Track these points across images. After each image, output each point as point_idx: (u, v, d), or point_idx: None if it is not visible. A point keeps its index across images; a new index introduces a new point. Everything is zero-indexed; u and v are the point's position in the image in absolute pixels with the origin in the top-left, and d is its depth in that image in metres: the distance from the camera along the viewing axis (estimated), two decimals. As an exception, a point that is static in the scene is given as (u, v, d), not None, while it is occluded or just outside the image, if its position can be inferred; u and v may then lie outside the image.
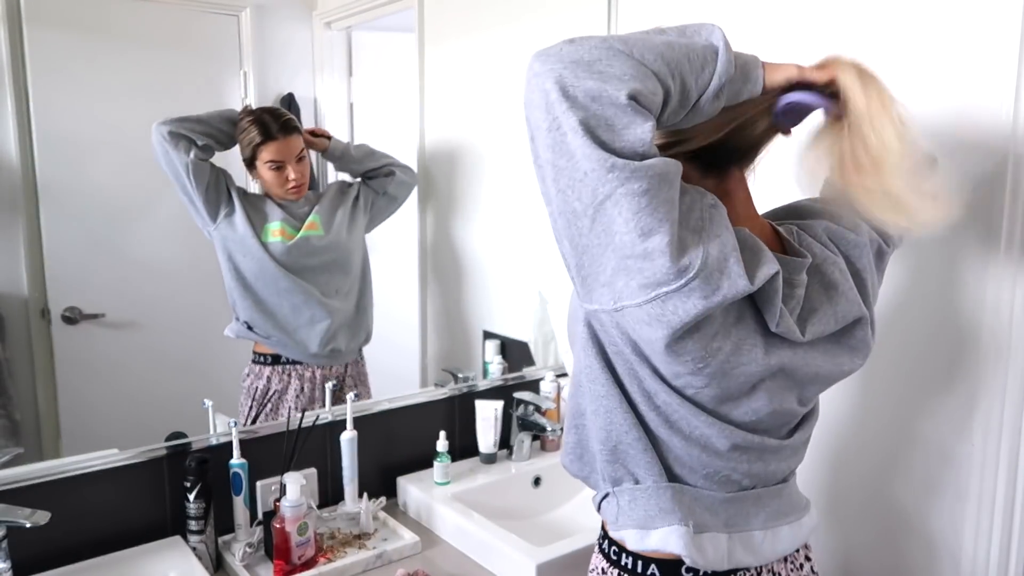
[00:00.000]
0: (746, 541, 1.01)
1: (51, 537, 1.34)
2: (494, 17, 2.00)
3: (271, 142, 1.60)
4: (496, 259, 2.07)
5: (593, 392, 0.98)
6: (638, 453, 0.98)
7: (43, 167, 1.42)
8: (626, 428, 0.97)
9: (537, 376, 2.02)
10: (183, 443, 1.49)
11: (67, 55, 1.44)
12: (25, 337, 1.44)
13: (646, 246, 0.82)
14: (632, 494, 1.00)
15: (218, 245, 1.61)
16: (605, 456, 1.00)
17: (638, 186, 0.81)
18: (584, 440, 1.04)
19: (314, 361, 1.73)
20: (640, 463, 0.98)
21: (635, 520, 1.00)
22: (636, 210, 0.81)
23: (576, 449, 1.06)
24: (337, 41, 1.77)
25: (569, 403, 1.06)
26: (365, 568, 1.45)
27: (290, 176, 1.63)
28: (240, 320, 1.65)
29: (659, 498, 0.98)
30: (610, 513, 1.03)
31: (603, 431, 0.99)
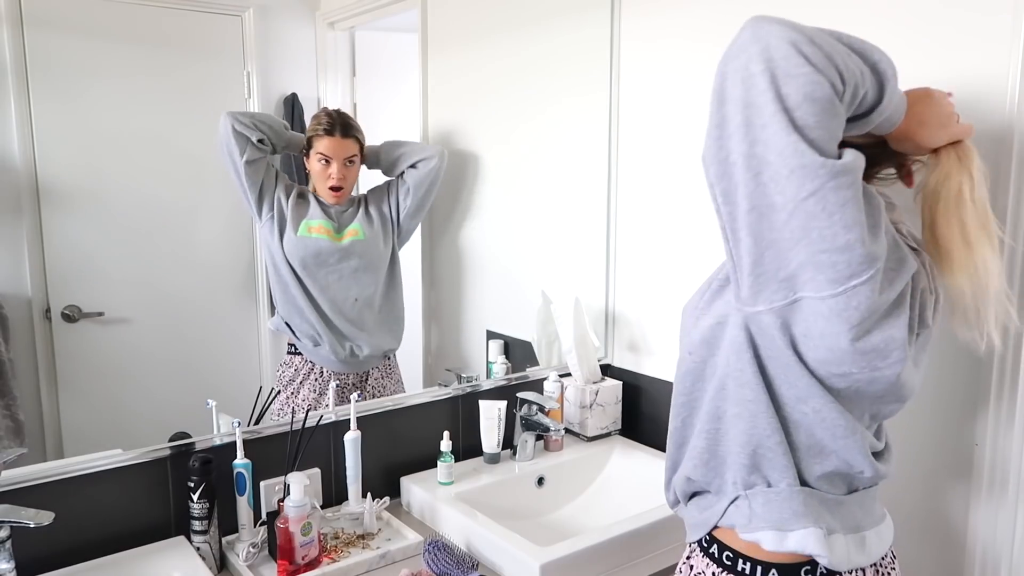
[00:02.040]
0: (859, 542, 1.05)
1: (55, 537, 1.34)
2: (497, 17, 1.99)
3: (327, 137, 1.69)
4: (499, 259, 2.07)
5: (739, 397, 1.01)
6: (777, 457, 1.01)
7: (44, 168, 1.42)
8: (769, 432, 1.00)
9: (540, 376, 2.02)
10: (187, 443, 1.49)
11: (69, 56, 1.45)
12: (28, 337, 1.44)
13: (848, 238, 0.86)
14: (766, 496, 1.02)
15: (262, 242, 1.68)
16: (743, 460, 1.03)
17: (844, 180, 0.86)
18: (716, 444, 1.06)
19: (336, 367, 1.76)
20: (777, 467, 1.01)
21: (771, 522, 1.01)
22: (842, 203, 0.86)
23: (704, 455, 1.07)
24: (340, 41, 1.76)
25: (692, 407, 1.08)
26: (369, 568, 1.45)
27: (332, 174, 1.70)
28: (280, 315, 1.71)
29: (792, 501, 1.01)
30: (740, 516, 1.04)
31: (744, 435, 1.02)
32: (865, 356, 0.92)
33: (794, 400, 0.99)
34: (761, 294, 0.93)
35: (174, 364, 1.61)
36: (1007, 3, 1.26)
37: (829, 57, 0.85)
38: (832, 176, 0.85)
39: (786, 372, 0.98)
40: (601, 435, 2.01)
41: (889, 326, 0.92)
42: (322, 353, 1.74)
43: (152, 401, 1.57)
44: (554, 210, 2.10)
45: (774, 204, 0.87)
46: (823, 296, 0.89)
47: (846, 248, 0.87)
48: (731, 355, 1.01)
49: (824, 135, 0.86)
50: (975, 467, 1.36)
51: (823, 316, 0.90)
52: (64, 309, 1.47)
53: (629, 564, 1.51)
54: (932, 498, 1.43)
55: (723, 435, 1.05)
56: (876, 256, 0.89)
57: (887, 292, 0.92)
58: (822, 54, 0.85)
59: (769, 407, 0.99)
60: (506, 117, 2.03)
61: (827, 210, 0.86)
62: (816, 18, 1.47)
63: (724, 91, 0.89)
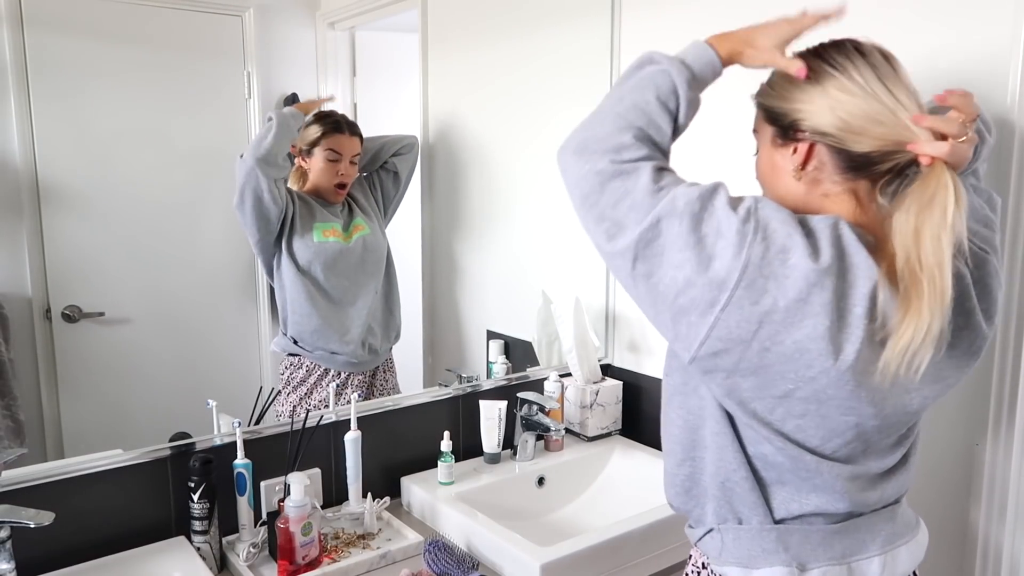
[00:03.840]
0: (864, 569, 1.01)
1: (55, 537, 1.34)
2: (497, 17, 2.00)
3: (338, 134, 1.71)
4: (500, 259, 2.07)
5: (708, 429, 1.02)
6: (745, 492, 1.00)
7: (44, 168, 1.42)
8: (735, 467, 1.00)
9: (541, 376, 2.02)
10: (187, 443, 1.49)
11: (69, 57, 1.45)
12: (29, 337, 1.44)
13: (683, 275, 0.93)
14: (736, 532, 1.02)
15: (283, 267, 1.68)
16: (714, 491, 1.03)
17: (650, 235, 0.94)
18: (697, 474, 1.06)
19: (353, 368, 1.77)
20: (746, 503, 1.00)
21: (738, 558, 1.01)
22: (657, 254, 0.94)
23: (686, 483, 1.07)
24: (341, 41, 1.77)
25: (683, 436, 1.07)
26: (369, 568, 1.45)
27: (340, 171, 1.72)
28: (288, 335, 1.70)
29: (763, 539, 1.00)
30: (713, 548, 1.04)
31: (714, 466, 1.02)
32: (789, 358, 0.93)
33: (754, 440, 0.99)
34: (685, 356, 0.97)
35: (174, 364, 1.61)
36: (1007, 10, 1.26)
37: (600, 140, 0.96)
38: (634, 244, 0.94)
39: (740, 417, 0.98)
40: (601, 435, 2.01)
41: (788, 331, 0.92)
42: (339, 359, 1.75)
43: (152, 401, 1.57)
44: (555, 209, 2.10)
45: (624, 283, 1.00)
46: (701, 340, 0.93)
47: (686, 288, 0.92)
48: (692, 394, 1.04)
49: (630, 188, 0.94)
50: (975, 467, 1.36)
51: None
52: (64, 309, 1.47)
53: (629, 564, 1.51)
54: (932, 498, 1.42)
55: (703, 464, 1.05)
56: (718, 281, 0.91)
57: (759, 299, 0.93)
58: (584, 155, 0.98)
59: (734, 442, 0.99)
60: (507, 116, 2.03)
61: (649, 269, 0.95)
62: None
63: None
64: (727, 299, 0.87)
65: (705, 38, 1.02)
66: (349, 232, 1.74)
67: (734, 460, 0.99)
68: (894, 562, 1.02)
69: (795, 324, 0.87)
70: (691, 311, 0.90)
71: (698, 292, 0.89)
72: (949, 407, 1.39)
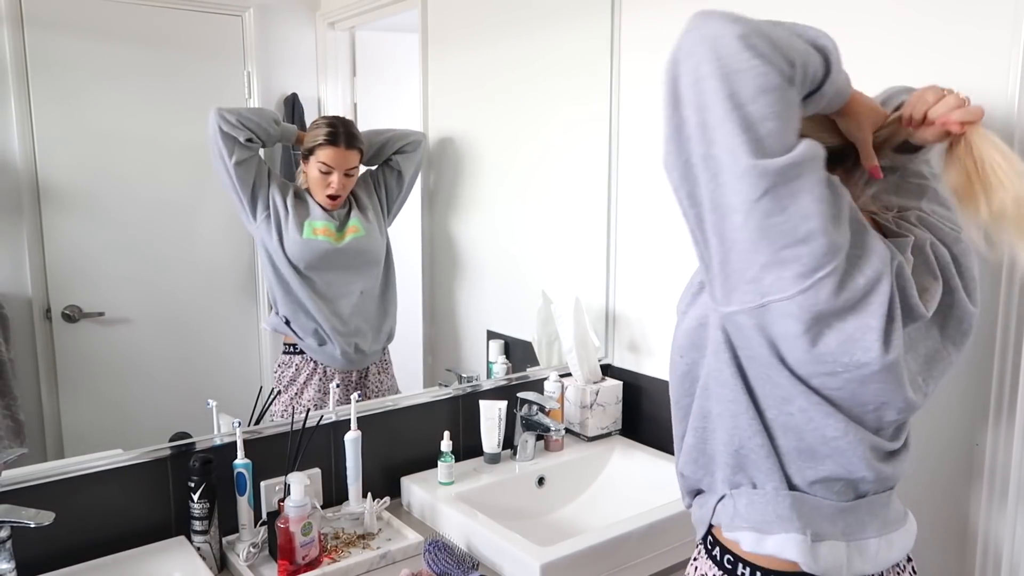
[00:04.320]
0: (863, 550, 1.02)
1: (55, 537, 1.34)
2: (497, 17, 2.00)
3: (331, 147, 1.67)
4: (500, 259, 2.07)
5: (720, 396, 1.01)
6: (760, 459, 1.00)
7: (44, 168, 1.42)
8: (750, 434, 0.99)
9: (541, 376, 2.02)
10: (187, 443, 1.49)
11: (69, 57, 1.45)
12: (29, 337, 1.44)
13: (808, 228, 0.85)
14: (750, 497, 1.02)
15: (258, 242, 1.66)
16: (726, 459, 1.03)
17: (796, 171, 0.85)
18: (704, 443, 1.06)
19: (341, 365, 1.76)
20: (761, 468, 1.00)
21: (751, 522, 1.01)
22: (794, 194, 0.85)
23: (693, 452, 1.08)
24: (341, 41, 1.76)
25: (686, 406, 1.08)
26: (369, 568, 1.45)
27: (332, 183, 1.69)
28: (280, 314, 1.70)
29: (777, 504, 1.00)
30: (725, 514, 1.04)
31: (727, 434, 1.02)
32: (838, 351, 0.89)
33: (779, 401, 0.97)
34: (732, 295, 0.91)
35: (174, 364, 1.61)
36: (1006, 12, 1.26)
37: (776, 44, 0.85)
38: (779, 173, 0.84)
39: (768, 372, 0.95)
40: (601, 435, 2.01)
41: (861, 315, 0.89)
42: (327, 351, 1.73)
43: (152, 401, 1.57)
44: (554, 210, 2.10)
45: (731, 205, 0.86)
46: (791, 295, 0.86)
47: (807, 239, 0.85)
48: (711, 355, 1.01)
49: (780, 126, 0.85)
50: (975, 467, 1.36)
51: (793, 316, 0.87)
52: (64, 309, 1.47)
53: (630, 564, 1.51)
54: (932, 498, 1.42)
55: (710, 433, 1.05)
56: (839, 246, 0.87)
57: (856, 279, 0.89)
58: (769, 43, 0.84)
59: (750, 408, 0.99)
60: (507, 116, 2.03)
61: (781, 204, 0.84)
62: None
63: (677, 94, 0.88)
64: (831, 270, 0.86)
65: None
66: (343, 232, 1.73)
67: (749, 427, 0.99)
68: (889, 547, 1.05)
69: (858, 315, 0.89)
70: (793, 265, 0.86)
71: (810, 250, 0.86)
72: (949, 406, 1.39)
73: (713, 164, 0.86)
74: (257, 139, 1.59)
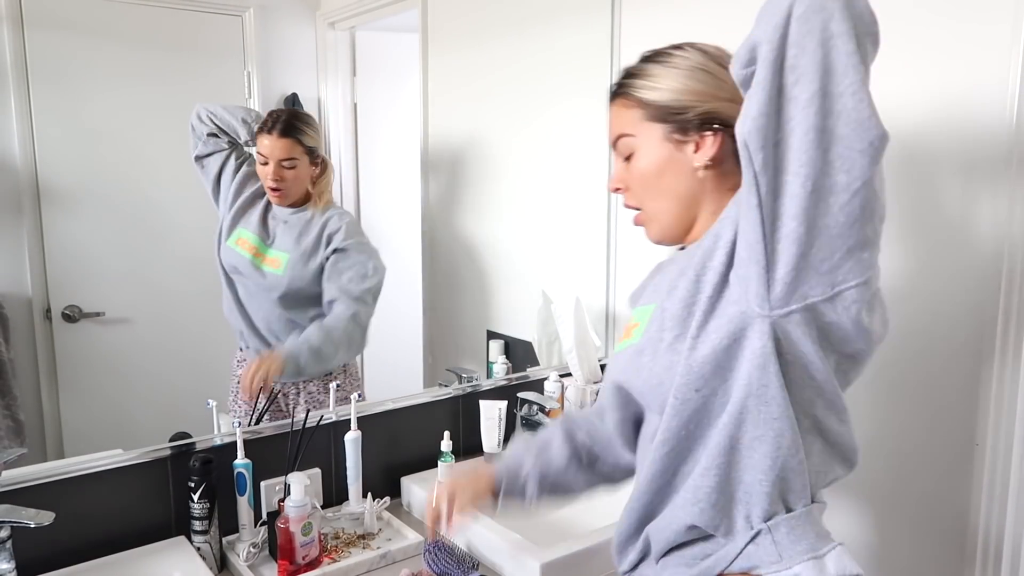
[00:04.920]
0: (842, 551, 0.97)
1: (55, 537, 1.34)
2: (497, 17, 2.00)
3: (262, 134, 1.61)
4: (500, 259, 2.07)
5: (763, 417, 0.89)
6: (797, 476, 0.91)
7: (44, 168, 1.42)
8: (793, 450, 0.90)
9: (541, 376, 2.02)
10: (187, 443, 1.48)
11: (69, 57, 1.45)
12: (29, 337, 1.44)
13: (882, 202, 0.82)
14: (788, 524, 0.92)
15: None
16: (766, 488, 0.91)
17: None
18: (725, 483, 0.92)
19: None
20: (797, 487, 0.92)
21: (804, 551, 0.91)
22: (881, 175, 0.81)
23: (712, 495, 0.93)
24: (341, 41, 1.77)
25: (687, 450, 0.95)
26: (369, 568, 1.45)
27: (268, 175, 1.63)
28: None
29: (812, 522, 0.93)
30: (768, 553, 0.91)
31: (768, 459, 0.90)
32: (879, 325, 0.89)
33: (806, 403, 0.90)
34: (797, 291, 0.82)
35: (174, 364, 1.61)
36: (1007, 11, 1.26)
37: None
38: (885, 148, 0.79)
39: (806, 371, 0.88)
40: (601, 435, 2.00)
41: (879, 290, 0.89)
42: (250, 356, 1.67)
43: (152, 401, 1.57)
44: (555, 210, 2.10)
45: (838, 184, 0.78)
46: (866, 278, 0.82)
47: (883, 214, 0.82)
48: (753, 371, 0.88)
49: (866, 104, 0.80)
50: (975, 467, 1.36)
51: (861, 300, 0.82)
52: (64, 309, 1.47)
53: (629, 564, 1.51)
54: (932, 498, 1.42)
55: (735, 466, 0.92)
56: None
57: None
58: None
59: (794, 422, 0.89)
60: (507, 116, 2.03)
61: (882, 183, 0.80)
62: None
63: (786, 56, 0.78)
64: None
65: None
66: (266, 254, 1.64)
67: (792, 444, 0.89)
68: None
69: None
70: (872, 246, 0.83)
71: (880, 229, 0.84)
72: (949, 406, 1.39)
73: (826, 138, 0.77)
74: (224, 135, 1.57)
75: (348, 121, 1.77)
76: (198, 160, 1.56)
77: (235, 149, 1.61)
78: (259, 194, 1.65)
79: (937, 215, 1.37)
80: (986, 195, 1.30)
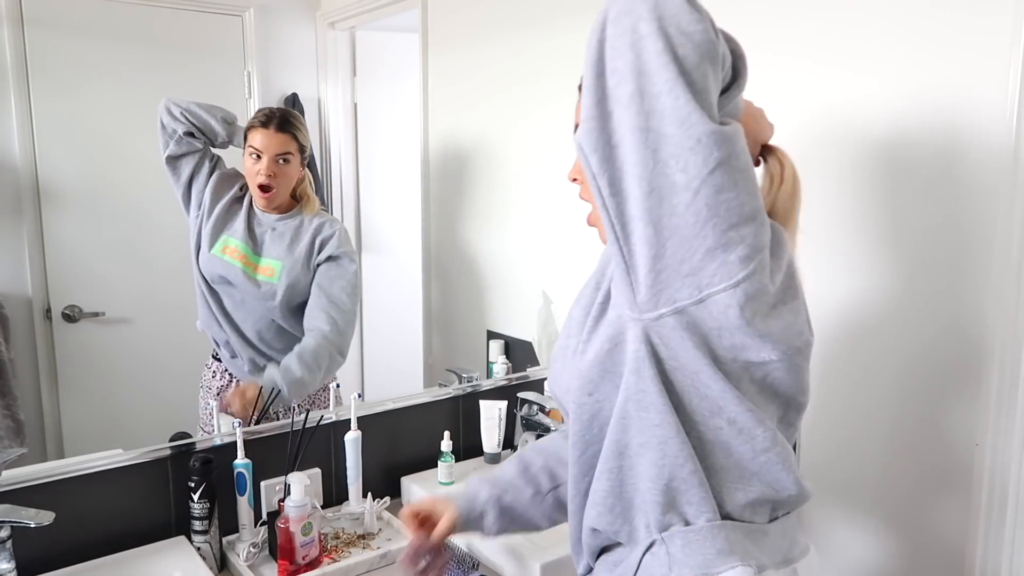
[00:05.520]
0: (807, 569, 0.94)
1: (55, 537, 1.34)
2: (498, 17, 2.00)
3: (259, 129, 1.59)
4: (500, 259, 2.07)
5: (643, 423, 0.87)
6: (691, 489, 0.88)
7: (44, 168, 1.42)
8: (681, 461, 0.87)
9: (541, 376, 2.01)
10: (187, 443, 1.48)
11: (69, 57, 1.45)
12: (29, 337, 1.44)
13: (754, 205, 0.79)
14: (684, 537, 0.89)
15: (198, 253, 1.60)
16: (654, 497, 0.89)
17: (741, 143, 0.78)
18: (620, 485, 0.91)
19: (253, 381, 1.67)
20: (692, 501, 0.88)
21: (693, 567, 0.87)
22: (743, 168, 0.78)
23: (607, 499, 0.92)
24: (341, 41, 1.77)
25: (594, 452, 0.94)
26: (369, 568, 1.45)
27: (261, 169, 1.59)
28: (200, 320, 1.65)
29: (715, 539, 0.88)
30: (658, 565, 0.89)
31: (654, 467, 0.88)
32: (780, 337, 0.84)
33: (707, 414, 0.87)
34: (663, 294, 0.81)
35: (175, 364, 1.61)
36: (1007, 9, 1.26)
37: (710, 17, 0.78)
38: (734, 139, 0.76)
39: (695, 381, 0.85)
40: (602, 435, 2.00)
41: (795, 297, 0.86)
42: (237, 364, 1.66)
43: (152, 401, 1.57)
44: (555, 209, 2.10)
45: (676, 183, 0.76)
46: (736, 280, 0.78)
47: (753, 216, 0.78)
48: (630, 377, 0.86)
49: (714, 97, 0.77)
50: (975, 467, 1.36)
51: (736, 305, 0.79)
52: (64, 309, 1.47)
53: (630, 564, 1.51)
54: (932, 498, 1.42)
55: (628, 472, 0.90)
56: (765, 222, 0.81)
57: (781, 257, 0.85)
58: (704, 9, 0.76)
59: (679, 430, 0.86)
60: (507, 116, 2.03)
61: (732, 178, 0.76)
62: (814, 27, 1.47)
63: (605, 60, 0.78)
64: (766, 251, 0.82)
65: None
66: (259, 262, 1.63)
67: (679, 453, 0.86)
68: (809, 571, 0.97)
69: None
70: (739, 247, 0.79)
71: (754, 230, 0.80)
72: (949, 406, 1.39)
73: (653, 138, 0.76)
74: (200, 135, 1.53)
75: (348, 121, 1.77)
76: (170, 161, 1.51)
77: (206, 150, 1.56)
78: (237, 199, 1.62)
79: (937, 215, 1.37)
80: (986, 195, 1.29)
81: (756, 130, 0.96)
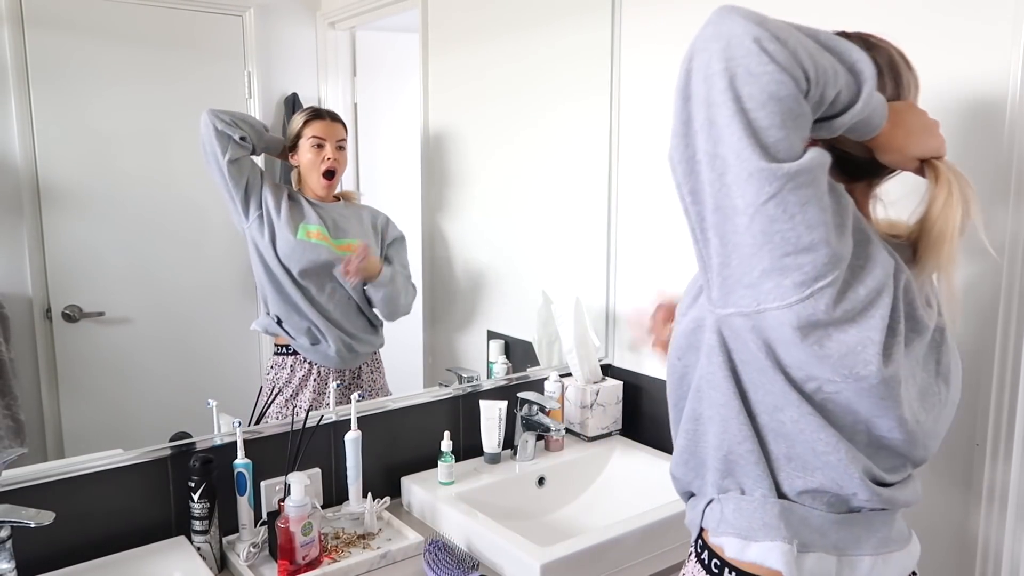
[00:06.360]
0: (855, 565, 0.99)
1: (55, 537, 1.34)
2: (498, 18, 2.00)
3: (319, 120, 1.69)
4: (500, 259, 2.07)
5: (711, 399, 0.99)
6: (749, 465, 0.98)
7: (44, 168, 1.42)
8: (740, 439, 0.98)
9: (541, 376, 2.02)
10: (187, 443, 1.49)
11: (69, 57, 1.45)
12: (29, 337, 1.44)
13: (812, 238, 0.84)
14: (737, 503, 1.00)
15: (249, 242, 1.65)
16: (716, 463, 1.01)
17: (803, 179, 0.83)
18: (695, 445, 1.05)
19: (335, 364, 1.75)
20: (750, 475, 0.99)
21: (737, 528, 0.99)
22: (803, 203, 0.83)
23: (683, 454, 1.07)
24: (341, 41, 1.76)
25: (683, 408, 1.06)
26: (369, 568, 1.45)
27: (327, 155, 1.70)
28: (271, 314, 1.69)
29: (764, 512, 0.98)
30: (712, 519, 1.03)
31: (716, 438, 1.00)
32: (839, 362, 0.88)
33: (770, 408, 0.95)
34: (730, 297, 0.90)
35: (175, 364, 1.61)
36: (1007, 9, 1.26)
37: (794, 54, 0.82)
38: (790, 178, 0.82)
39: (760, 377, 0.94)
40: (602, 435, 2.01)
41: (862, 327, 0.88)
42: (321, 350, 1.73)
43: (152, 401, 1.57)
44: (555, 210, 2.10)
45: (736, 207, 0.84)
46: (789, 303, 0.85)
47: (811, 248, 0.84)
48: (704, 358, 0.99)
49: (786, 135, 0.83)
50: (975, 467, 1.36)
51: (790, 325, 0.86)
52: (65, 309, 1.47)
53: (630, 564, 1.51)
54: (932, 498, 1.42)
55: (701, 436, 1.04)
56: (842, 256, 0.86)
57: (857, 290, 0.88)
58: (787, 51, 0.82)
59: (740, 413, 0.97)
60: (507, 117, 2.03)
61: (788, 212, 0.83)
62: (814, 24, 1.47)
63: (688, 88, 0.87)
64: (831, 280, 0.85)
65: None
66: (340, 242, 1.73)
67: (739, 432, 0.97)
68: (884, 566, 1.01)
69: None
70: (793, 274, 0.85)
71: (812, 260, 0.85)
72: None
73: (719, 164, 0.85)
74: (249, 140, 1.60)
75: (348, 121, 1.77)
76: (231, 164, 1.58)
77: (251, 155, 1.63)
78: (290, 196, 1.70)
79: (937, 215, 1.37)
80: (986, 195, 1.29)
81: (904, 145, 1.00)
